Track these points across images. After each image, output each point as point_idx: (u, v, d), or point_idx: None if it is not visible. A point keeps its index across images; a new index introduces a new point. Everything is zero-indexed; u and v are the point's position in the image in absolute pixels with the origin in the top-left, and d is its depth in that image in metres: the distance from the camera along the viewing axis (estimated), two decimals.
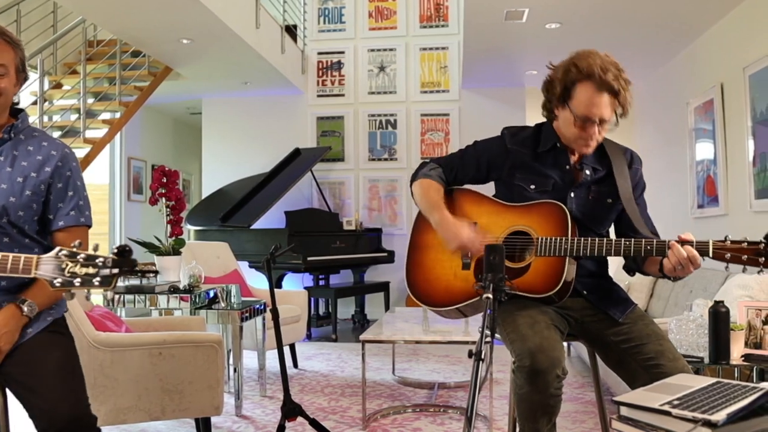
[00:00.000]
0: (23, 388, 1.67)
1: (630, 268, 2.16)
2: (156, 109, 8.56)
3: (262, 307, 4.15)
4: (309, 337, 6.37)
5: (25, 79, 1.94)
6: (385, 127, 7.71)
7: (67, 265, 1.52)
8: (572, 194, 2.12)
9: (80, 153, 5.52)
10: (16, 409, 1.72)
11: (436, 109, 7.58)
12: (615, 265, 2.72)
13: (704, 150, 5.27)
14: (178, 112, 8.98)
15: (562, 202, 2.08)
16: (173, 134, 9.39)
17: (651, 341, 1.98)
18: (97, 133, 5.85)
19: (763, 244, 1.82)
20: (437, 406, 3.82)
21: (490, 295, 1.71)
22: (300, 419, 3.00)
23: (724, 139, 4.87)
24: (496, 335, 2.11)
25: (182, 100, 8.12)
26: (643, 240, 1.95)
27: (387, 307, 7.09)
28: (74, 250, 1.53)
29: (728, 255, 1.84)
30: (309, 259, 6.24)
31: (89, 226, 1.92)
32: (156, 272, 1.63)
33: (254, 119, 7.92)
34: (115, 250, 1.53)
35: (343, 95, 7.78)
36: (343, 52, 7.78)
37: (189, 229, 6.83)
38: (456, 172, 2.26)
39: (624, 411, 1.50)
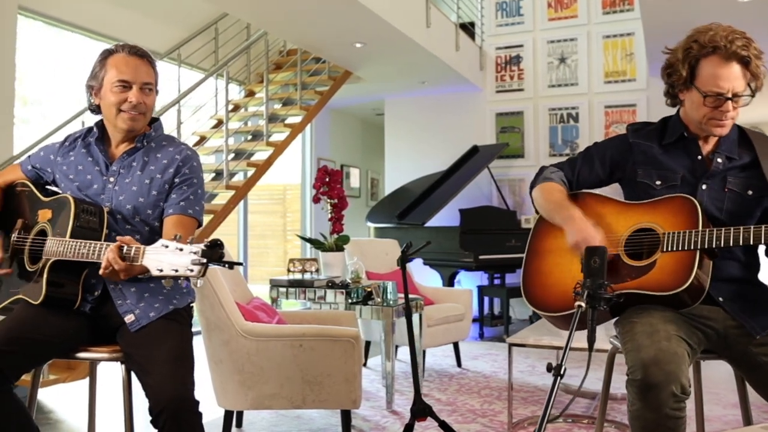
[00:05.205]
0: (138, 369, 1.89)
1: None
2: (344, 111, 9.00)
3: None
4: (481, 337, 6.30)
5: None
6: (566, 120, 7.37)
7: (166, 255, 1.66)
8: (704, 186, 1.91)
9: (263, 155, 5.98)
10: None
11: (622, 99, 7.07)
12: None
13: None
14: (364, 113, 9.36)
15: (692, 195, 1.88)
16: (362, 135, 9.79)
17: None
18: (282, 136, 6.28)
19: None
20: (592, 417, 3.57)
21: (582, 304, 1.57)
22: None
23: None
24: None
25: (367, 101, 8.45)
26: None
27: None
28: (174, 242, 1.66)
29: None
30: (480, 257, 6.16)
31: (198, 221, 2.06)
32: (240, 263, 1.70)
33: (433, 117, 8.00)
34: (207, 243, 1.64)
35: (522, 90, 7.56)
36: (521, 46, 7.55)
37: (369, 227, 7.09)
38: (578, 173, 2.13)
39: None
